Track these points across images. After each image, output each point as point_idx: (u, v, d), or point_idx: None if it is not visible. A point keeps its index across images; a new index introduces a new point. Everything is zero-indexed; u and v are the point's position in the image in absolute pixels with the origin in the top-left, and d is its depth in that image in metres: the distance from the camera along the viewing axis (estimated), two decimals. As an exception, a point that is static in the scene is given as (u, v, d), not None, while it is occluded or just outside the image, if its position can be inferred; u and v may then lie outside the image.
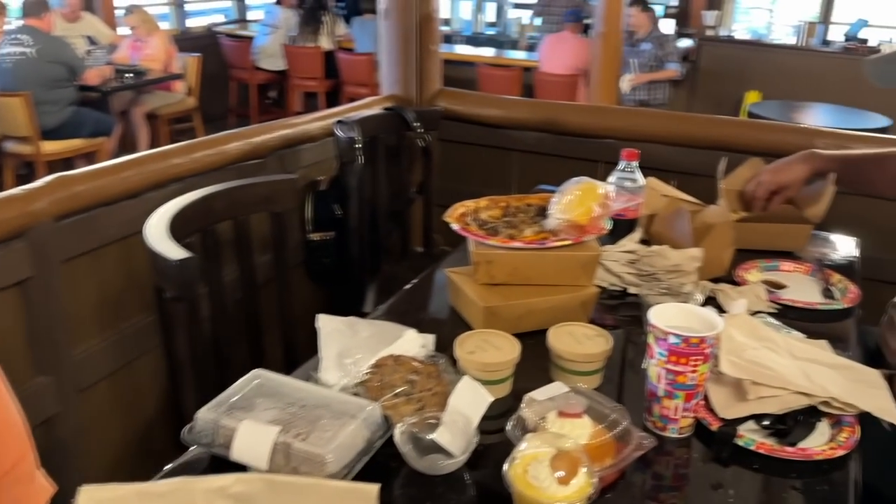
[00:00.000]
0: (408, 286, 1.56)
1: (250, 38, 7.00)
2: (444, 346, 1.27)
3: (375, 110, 2.38)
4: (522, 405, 1.02)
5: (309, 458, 0.91)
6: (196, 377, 1.34)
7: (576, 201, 1.35)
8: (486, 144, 2.68)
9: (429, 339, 1.25)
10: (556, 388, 1.05)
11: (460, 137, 2.72)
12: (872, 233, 1.95)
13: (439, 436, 0.99)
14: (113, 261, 1.69)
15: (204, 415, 0.97)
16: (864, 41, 6.62)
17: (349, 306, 2.25)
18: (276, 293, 1.68)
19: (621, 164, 1.59)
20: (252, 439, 0.93)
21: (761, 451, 1.03)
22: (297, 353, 1.69)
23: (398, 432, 0.98)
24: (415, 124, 2.31)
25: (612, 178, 1.58)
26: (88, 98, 5.02)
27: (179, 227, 1.41)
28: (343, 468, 0.92)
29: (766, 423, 1.08)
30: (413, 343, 1.19)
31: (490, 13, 8.22)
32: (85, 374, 1.69)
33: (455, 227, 1.36)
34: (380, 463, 0.99)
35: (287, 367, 1.70)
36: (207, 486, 0.58)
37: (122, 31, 6.00)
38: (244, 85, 7.01)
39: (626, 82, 5.34)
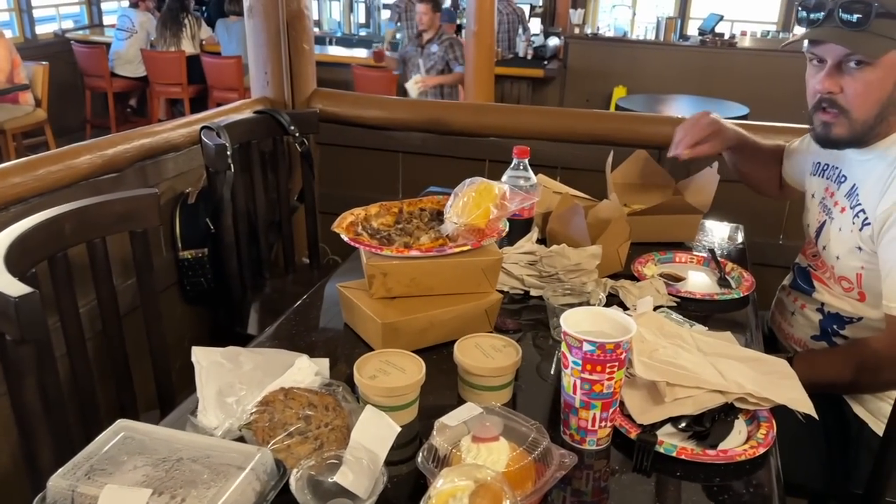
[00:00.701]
0: (296, 305, 1.43)
1: (106, 44, 6.54)
2: (341, 372, 1.16)
3: (246, 114, 2.21)
4: (434, 433, 0.92)
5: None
6: (52, 430, 1.14)
7: (472, 203, 1.26)
8: (369, 147, 2.57)
9: (323, 365, 1.13)
10: (468, 411, 0.96)
11: (340, 140, 2.59)
12: (753, 218, 2.00)
13: (341, 477, 0.87)
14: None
15: (57, 482, 0.80)
16: (721, 34, 7.01)
17: (230, 329, 2.08)
18: (143, 321, 1.49)
19: (513, 162, 1.52)
20: (117, 508, 0.78)
21: (683, 456, 0.98)
22: (171, 389, 1.51)
23: (294, 479, 0.86)
24: (291, 128, 2.16)
25: (504, 178, 1.51)
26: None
27: (20, 257, 1.21)
28: (230, 533, 0.79)
29: (682, 425, 1.04)
30: (305, 372, 1.06)
31: (361, 14, 8.11)
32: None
33: (345, 237, 1.25)
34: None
35: (162, 405, 1.52)
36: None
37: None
38: (101, 94, 6.53)
39: (413, 84, 5.04)
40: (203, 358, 1.08)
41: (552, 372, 1.20)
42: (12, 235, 1.22)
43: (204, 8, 7.22)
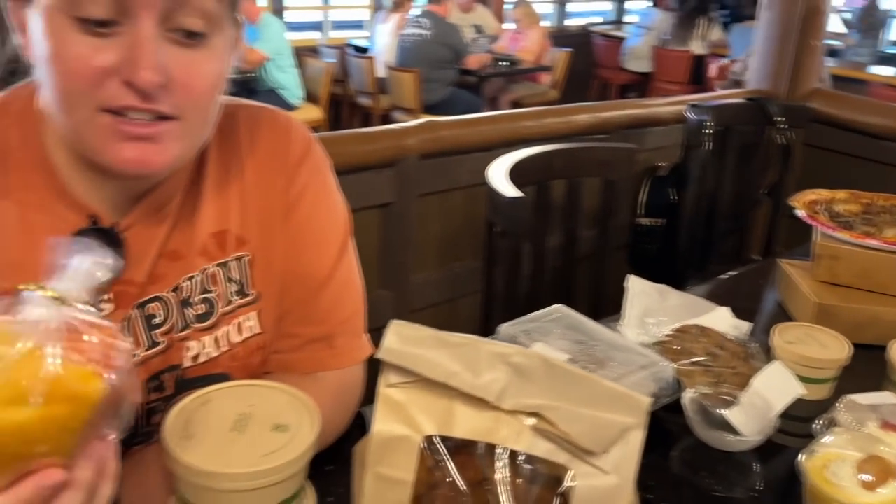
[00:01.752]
0: (736, 271, 1.46)
1: (622, 39, 7.09)
2: (759, 340, 1.17)
3: (735, 100, 2.25)
4: (839, 405, 0.90)
5: (591, 391, 0.92)
6: (506, 310, 1.42)
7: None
8: (861, 156, 2.37)
9: (743, 325, 1.16)
10: (884, 398, 0.91)
11: (832, 145, 2.44)
12: None
13: (733, 414, 0.92)
14: (458, 204, 1.87)
15: (506, 329, 1.03)
16: None
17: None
18: (591, 265, 1.70)
19: None
20: (542, 361, 0.97)
21: None
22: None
23: (688, 397, 0.93)
24: (777, 119, 2.14)
25: None
26: (465, 81, 5.56)
27: (518, 175, 1.50)
28: (623, 411, 0.91)
29: None
30: (724, 321, 1.12)
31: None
32: (418, 297, 1.90)
33: (800, 212, 1.24)
34: (658, 426, 0.96)
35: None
36: (491, 350, 0.62)
37: (508, 25, 6.51)
38: (606, 84, 7.12)
39: None
40: (636, 285, 1.22)
41: None
42: (517, 158, 1.52)
43: (728, 12, 7.25)
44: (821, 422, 0.91)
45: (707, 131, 1.99)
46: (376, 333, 1.84)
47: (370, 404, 0.68)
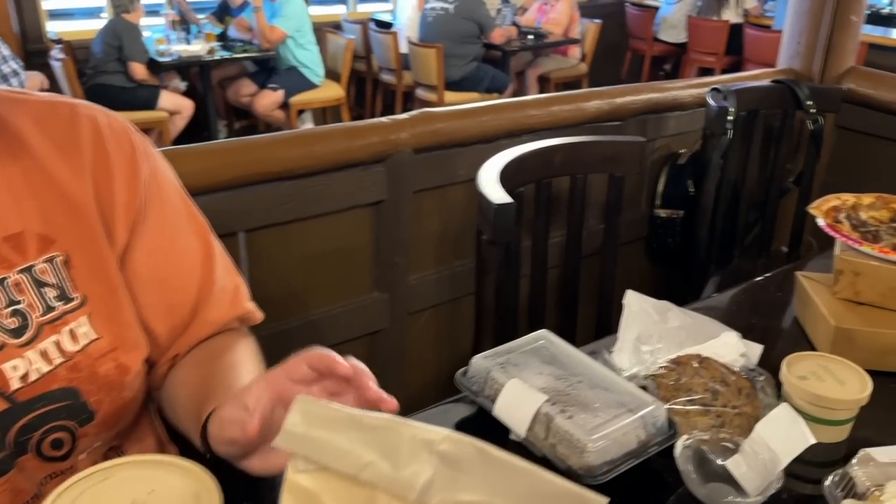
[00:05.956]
0: (750, 281, 1.34)
1: (656, 9, 6.82)
2: (771, 365, 1.05)
3: (762, 82, 2.09)
4: (854, 461, 0.78)
5: (568, 440, 0.81)
6: (498, 325, 1.32)
7: None
8: (899, 140, 2.20)
9: (753, 350, 1.04)
10: (909, 453, 0.79)
11: (868, 128, 2.26)
12: None
13: (733, 465, 0.81)
14: (458, 199, 1.76)
15: (478, 362, 0.93)
16: None
17: (680, 295, 2.06)
18: (599, 262, 1.58)
19: None
20: (517, 400, 0.87)
21: None
22: (609, 331, 1.58)
23: (681, 444, 0.83)
24: (807, 103, 1.97)
25: None
26: (490, 55, 5.39)
27: (515, 174, 1.39)
28: (604, 464, 0.81)
29: None
30: (730, 348, 1.00)
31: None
32: (416, 299, 1.80)
33: (821, 221, 1.11)
34: (653, 471, 0.85)
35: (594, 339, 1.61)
36: (414, 434, 0.52)
37: (536, -6, 6.29)
38: (640, 56, 6.87)
39: None
40: (634, 302, 1.10)
41: None
42: (512, 155, 1.40)
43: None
44: (833, 477, 0.79)
45: (729, 117, 1.84)
46: (369, 339, 1.78)
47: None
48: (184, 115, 4.73)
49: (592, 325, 1.63)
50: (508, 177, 1.35)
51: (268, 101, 4.90)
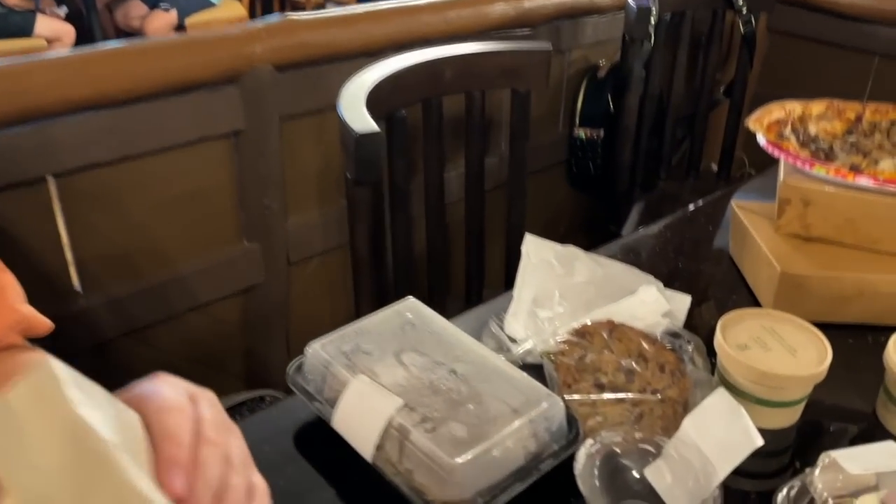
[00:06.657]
0: (677, 213, 1.12)
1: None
2: (702, 322, 0.84)
3: (688, -20, 1.84)
4: (815, 470, 0.58)
5: (428, 465, 0.58)
6: (375, 280, 1.07)
7: None
8: (836, 43, 2.00)
9: (680, 304, 0.83)
10: (884, 453, 0.58)
11: (800, 30, 2.06)
12: None
13: (654, 475, 0.60)
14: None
15: (315, 351, 0.68)
16: None
17: (604, 226, 1.85)
18: (505, 193, 1.34)
19: None
20: (362, 407, 0.63)
21: None
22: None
23: (584, 453, 0.60)
24: (739, 2, 1.74)
25: None
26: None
27: (392, 93, 1.12)
28: (478, 495, 0.58)
29: None
30: (650, 307, 0.78)
31: None
32: (298, 247, 1.53)
33: (762, 138, 0.88)
34: (550, 494, 0.63)
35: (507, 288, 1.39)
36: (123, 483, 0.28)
37: None
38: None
39: None
40: (534, 250, 0.87)
41: None
42: (388, 70, 1.12)
43: None
44: (788, 491, 0.59)
45: (653, 20, 1.59)
46: (242, 296, 1.50)
47: None
48: (65, 43, 4.21)
49: (503, 272, 1.40)
50: (382, 98, 1.08)
51: (160, 22, 4.41)
